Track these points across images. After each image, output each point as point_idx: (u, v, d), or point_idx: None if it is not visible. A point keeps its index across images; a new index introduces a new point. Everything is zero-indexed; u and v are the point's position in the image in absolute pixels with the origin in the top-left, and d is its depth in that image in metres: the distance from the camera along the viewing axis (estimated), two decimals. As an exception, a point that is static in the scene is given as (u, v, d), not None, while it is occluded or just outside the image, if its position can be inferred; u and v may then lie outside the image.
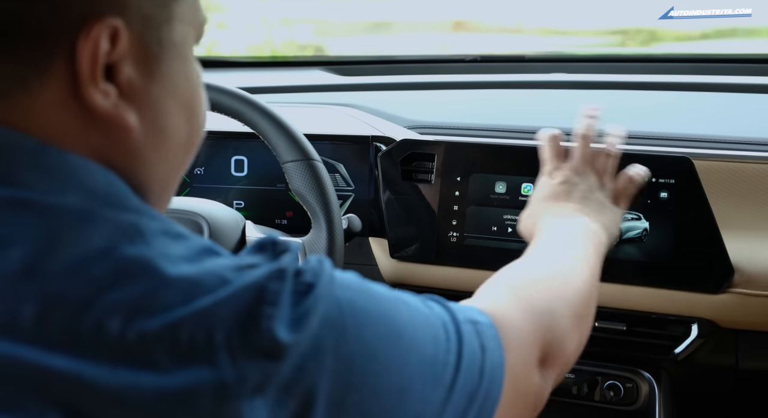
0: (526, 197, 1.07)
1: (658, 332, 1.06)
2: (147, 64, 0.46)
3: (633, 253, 1.02)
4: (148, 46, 0.46)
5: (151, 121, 0.48)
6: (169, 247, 0.42)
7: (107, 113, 0.44)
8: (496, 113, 1.28)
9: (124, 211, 0.43)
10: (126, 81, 0.45)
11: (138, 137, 0.47)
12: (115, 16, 0.44)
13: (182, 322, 0.39)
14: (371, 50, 1.83)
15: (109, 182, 0.45)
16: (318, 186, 0.96)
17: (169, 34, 0.48)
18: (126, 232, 0.42)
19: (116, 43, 0.44)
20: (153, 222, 0.44)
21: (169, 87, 0.48)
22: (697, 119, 1.21)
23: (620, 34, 1.66)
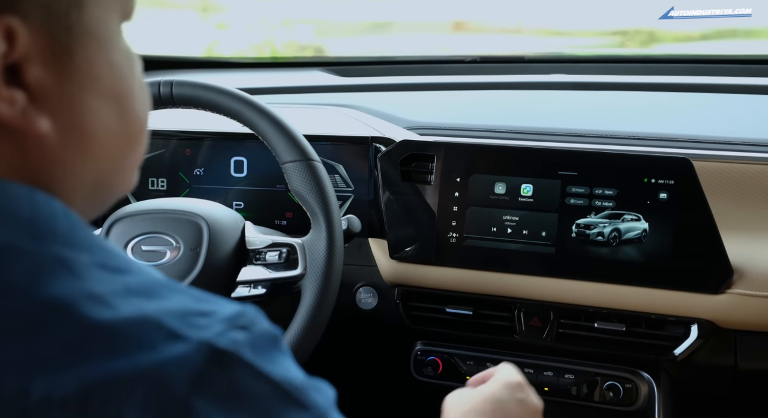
0: (526, 198, 1.07)
1: (658, 332, 1.06)
2: (58, 59, 0.41)
3: (632, 254, 1.02)
4: (55, 38, 0.41)
5: (69, 122, 0.42)
6: (104, 284, 0.37)
7: (15, 123, 0.39)
8: (496, 114, 1.28)
9: (51, 242, 0.38)
10: (34, 82, 0.40)
11: (54, 143, 0.41)
12: (6, 13, 0.38)
13: (95, 386, 0.34)
14: (371, 51, 1.83)
15: (34, 206, 0.39)
16: (317, 187, 0.97)
17: (79, 20, 0.42)
18: (49, 268, 0.36)
19: (14, 42, 0.38)
20: (84, 255, 0.38)
21: (87, 80, 0.43)
22: (697, 120, 1.21)
23: (620, 35, 1.66)
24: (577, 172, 1.05)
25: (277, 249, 0.99)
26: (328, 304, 0.95)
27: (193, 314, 0.38)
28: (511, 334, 1.12)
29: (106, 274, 0.38)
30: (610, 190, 1.04)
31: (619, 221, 1.03)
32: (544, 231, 1.06)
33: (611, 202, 1.03)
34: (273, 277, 0.98)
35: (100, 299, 0.36)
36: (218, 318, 0.38)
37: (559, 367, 1.13)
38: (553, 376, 1.12)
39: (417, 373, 1.18)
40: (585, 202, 1.05)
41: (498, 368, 0.77)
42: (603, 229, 1.03)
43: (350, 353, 1.34)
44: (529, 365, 1.14)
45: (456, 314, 1.12)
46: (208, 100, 0.99)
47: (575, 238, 1.05)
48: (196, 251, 0.96)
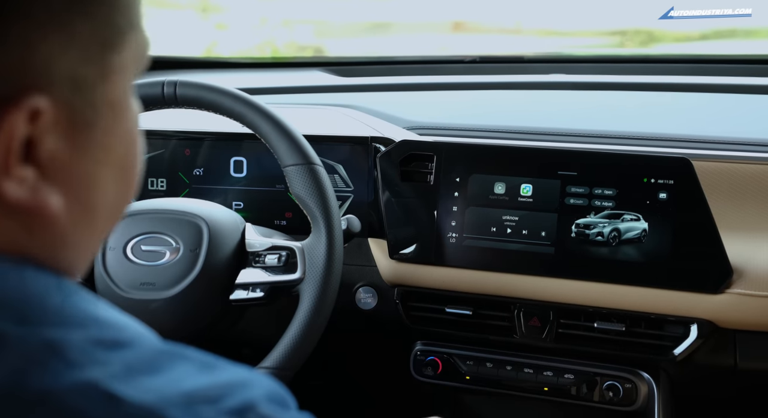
0: (526, 198, 1.07)
1: (657, 332, 1.06)
2: (77, 133, 0.39)
3: (632, 254, 1.02)
4: (79, 113, 0.39)
5: (79, 197, 0.40)
6: (101, 368, 0.34)
7: (22, 202, 0.37)
8: (496, 114, 1.28)
9: (40, 324, 0.35)
10: (48, 157, 0.38)
11: (64, 219, 0.39)
12: (39, 93, 0.36)
13: None
14: (371, 51, 1.83)
15: (24, 286, 0.37)
16: (319, 191, 0.96)
17: (104, 94, 0.40)
18: (39, 357, 0.33)
19: (37, 120, 0.37)
20: (77, 332, 0.36)
21: (100, 154, 0.41)
22: (696, 120, 1.21)
23: (619, 35, 1.66)
24: (576, 172, 1.05)
25: (277, 252, 0.99)
26: (326, 309, 0.95)
27: (198, 401, 0.35)
28: (511, 334, 1.12)
29: (103, 352, 0.35)
30: (610, 190, 1.04)
31: (619, 221, 1.03)
32: (543, 231, 1.06)
33: (611, 202, 1.03)
34: (272, 280, 0.98)
35: (97, 388, 0.33)
36: (224, 409, 0.36)
37: (559, 367, 1.13)
38: (552, 376, 1.12)
39: (416, 373, 1.18)
40: (584, 202, 1.05)
41: None
42: (602, 229, 1.03)
43: (350, 353, 1.34)
44: (528, 365, 1.14)
45: (456, 314, 1.12)
46: (211, 101, 0.99)
47: (575, 238, 1.05)
48: (196, 252, 0.96)
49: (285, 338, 0.94)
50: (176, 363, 0.37)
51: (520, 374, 1.14)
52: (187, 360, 0.38)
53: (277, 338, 0.95)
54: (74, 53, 0.38)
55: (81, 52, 0.38)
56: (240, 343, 1.25)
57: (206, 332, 1.02)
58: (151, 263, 0.96)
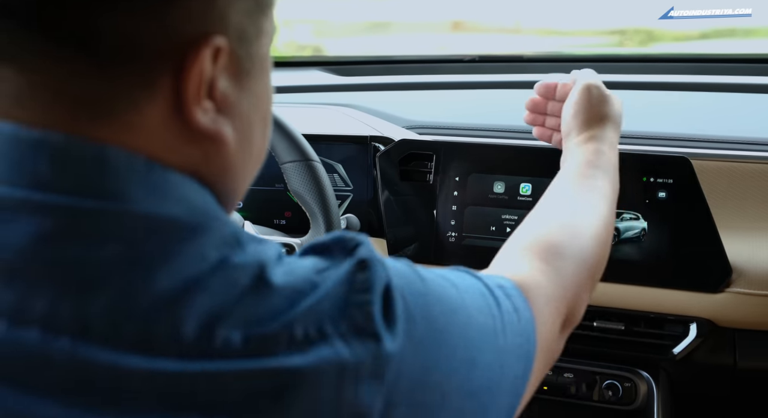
0: (525, 197, 1.07)
1: (657, 331, 1.06)
2: (239, 79, 0.47)
3: (631, 253, 1.02)
4: (241, 61, 0.47)
5: (242, 134, 0.49)
6: (263, 254, 0.44)
7: (207, 129, 0.46)
8: (495, 113, 1.28)
9: (223, 223, 0.45)
10: (221, 96, 0.46)
11: (232, 150, 0.48)
12: (218, 35, 0.44)
13: (294, 321, 0.41)
14: (370, 50, 1.83)
15: (204, 197, 0.46)
16: (317, 187, 0.97)
17: (258, 49, 0.49)
18: (230, 243, 0.44)
19: (217, 60, 0.45)
20: (242, 233, 0.45)
21: (255, 100, 0.50)
22: (696, 119, 1.21)
23: (618, 35, 1.66)
24: (575, 172, 1.05)
25: None
26: None
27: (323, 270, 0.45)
28: (510, 333, 1.12)
29: (258, 243, 0.45)
30: (609, 190, 1.03)
31: (618, 220, 1.03)
32: (543, 230, 1.06)
33: (610, 201, 1.03)
34: None
35: (269, 265, 0.43)
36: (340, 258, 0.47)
37: (558, 366, 1.13)
38: (552, 375, 1.12)
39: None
40: (584, 201, 1.04)
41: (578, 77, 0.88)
42: (602, 228, 1.03)
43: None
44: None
45: (455, 313, 1.12)
46: None
47: (574, 237, 1.04)
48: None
49: None
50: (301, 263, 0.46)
51: (519, 373, 1.13)
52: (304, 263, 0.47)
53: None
54: (241, 7, 0.46)
55: (245, 8, 0.46)
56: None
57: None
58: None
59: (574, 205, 0.74)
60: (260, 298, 0.42)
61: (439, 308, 0.49)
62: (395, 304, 0.45)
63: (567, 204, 0.75)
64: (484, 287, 0.56)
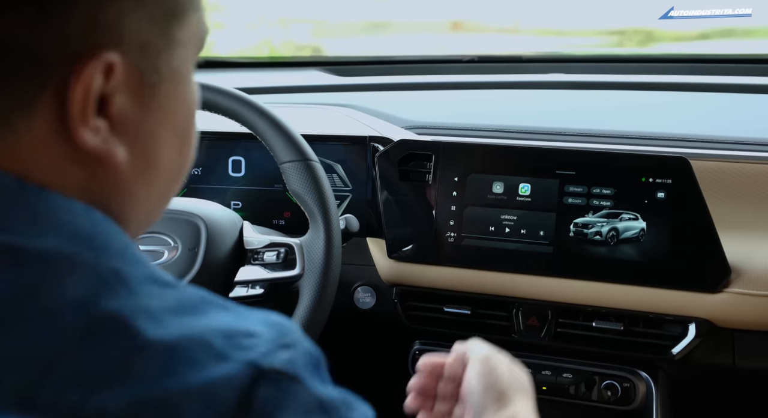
0: (524, 197, 1.07)
1: (656, 331, 1.06)
2: (142, 94, 0.43)
3: (630, 253, 1.02)
4: (144, 75, 0.43)
5: (142, 153, 0.44)
6: (155, 299, 0.39)
7: (96, 150, 0.41)
8: (494, 113, 1.28)
9: (108, 255, 0.40)
10: (118, 113, 0.42)
11: (126, 172, 0.44)
12: (111, 49, 0.40)
13: (148, 404, 0.35)
14: (369, 50, 1.83)
15: (94, 223, 0.41)
16: (316, 187, 0.96)
17: (168, 61, 0.44)
18: (107, 281, 0.38)
19: (110, 76, 0.41)
20: (138, 268, 0.40)
21: (164, 116, 0.45)
22: (694, 119, 1.22)
23: (618, 35, 1.66)
24: (574, 172, 1.05)
25: (275, 249, 0.99)
26: (326, 304, 0.95)
27: (239, 335, 0.39)
28: (510, 333, 1.12)
29: (158, 288, 0.40)
30: (608, 190, 1.04)
31: (617, 220, 1.03)
32: (542, 230, 1.06)
33: (609, 201, 1.03)
34: (271, 277, 0.98)
35: (154, 315, 0.37)
36: (264, 339, 0.40)
37: (557, 366, 1.13)
38: (551, 375, 1.12)
39: (415, 372, 1.18)
40: (583, 201, 1.05)
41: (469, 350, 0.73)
42: (601, 228, 1.03)
43: (348, 353, 1.34)
44: (527, 365, 1.13)
45: (454, 313, 1.12)
46: (207, 99, 0.99)
47: (573, 237, 1.05)
48: (194, 251, 0.96)
49: None
50: (217, 310, 0.41)
51: (518, 373, 1.13)
52: (227, 309, 0.41)
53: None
54: (142, 16, 0.42)
55: (147, 17, 0.42)
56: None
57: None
58: (150, 263, 0.96)
59: None
60: (121, 354, 0.36)
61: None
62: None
63: None
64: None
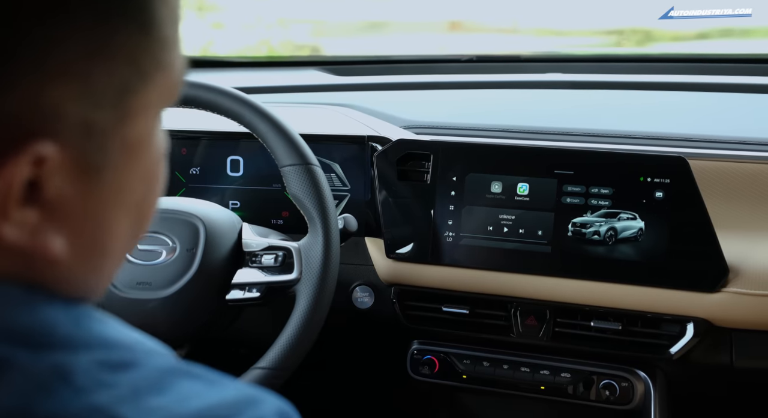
0: (522, 197, 1.07)
1: (654, 331, 1.06)
2: (86, 176, 0.37)
3: (628, 252, 1.03)
4: (89, 156, 0.37)
5: (86, 238, 0.39)
6: (107, 390, 0.34)
7: (18, 245, 0.36)
8: (492, 113, 1.28)
9: (48, 350, 0.35)
10: (53, 199, 0.36)
11: (68, 261, 0.38)
12: (43, 138, 0.34)
13: None
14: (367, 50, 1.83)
15: (34, 313, 0.36)
16: (316, 191, 0.96)
17: (120, 137, 0.38)
18: (45, 383, 0.33)
19: (42, 165, 0.35)
20: (87, 355, 0.35)
21: (112, 194, 0.39)
22: (693, 119, 1.22)
23: (616, 34, 1.66)
24: (573, 171, 1.05)
25: (274, 252, 0.99)
26: (322, 310, 0.95)
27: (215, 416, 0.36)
28: (508, 333, 1.12)
29: (109, 375, 0.35)
30: (606, 189, 1.04)
31: (615, 220, 1.03)
32: (540, 230, 1.06)
33: (607, 201, 1.04)
34: (268, 280, 0.97)
35: (103, 413, 0.33)
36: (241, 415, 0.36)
37: (556, 366, 1.13)
38: (549, 375, 1.12)
39: (413, 372, 1.18)
40: (581, 201, 1.05)
41: None
42: (599, 228, 1.03)
43: (346, 353, 1.34)
44: (525, 364, 1.14)
45: (452, 313, 1.12)
46: (209, 100, 0.99)
47: (571, 237, 1.05)
48: (192, 251, 0.96)
49: (281, 338, 0.94)
50: (182, 381, 0.37)
51: (516, 373, 1.14)
52: (193, 378, 0.37)
53: (273, 338, 0.95)
54: (88, 100, 0.36)
55: (95, 99, 0.36)
56: (236, 343, 1.25)
57: (203, 332, 1.02)
58: (148, 263, 0.96)
59: None
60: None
61: None
62: None
63: None
64: None
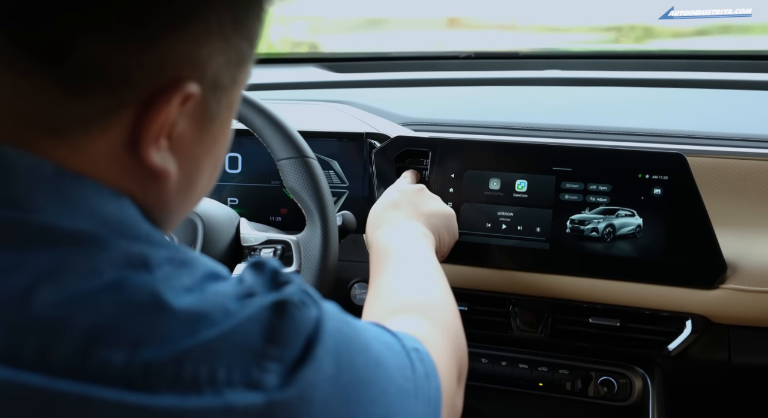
0: (521, 194, 1.07)
1: (652, 327, 1.07)
2: (201, 123, 0.47)
3: (627, 249, 1.03)
4: (209, 107, 0.47)
5: (188, 173, 0.49)
6: (173, 277, 0.42)
7: (155, 166, 0.45)
8: (491, 110, 1.28)
9: (135, 240, 0.43)
10: (178, 136, 0.46)
11: (171, 188, 0.48)
12: (193, 82, 0.44)
13: (186, 355, 0.39)
14: (366, 47, 1.83)
15: (122, 209, 0.44)
16: (313, 184, 0.96)
17: (228, 98, 0.49)
18: (134, 263, 0.41)
19: (185, 104, 0.45)
20: (160, 251, 0.44)
21: (211, 144, 0.50)
22: (691, 116, 1.22)
23: (614, 31, 1.66)
24: (571, 168, 1.05)
25: (272, 246, 0.99)
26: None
27: (244, 296, 0.44)
28: (506, 329, 1.12)
29: (175, 266, 0.43)
30: (605, 186, 1.04)
31: (614, 217, 1.03)
32: (538, 227, 1.06)
33: (605, 197, 1.04)
34: None
35: (174, 289, 0.41)
36: (264, 290, 0.45)
37: (554, 362, 1.13)
38: (547, 371, 1.13)
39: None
40: (579, 197, 1.05)
41: None
42: (597, 224, 1.04)
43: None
44: (523, 361, 1.14)
45: (451, 309, 1.12)
46: None
47: (570, 233, 1.05)
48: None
49: None
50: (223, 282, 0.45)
51: (515, 369, 1.14)
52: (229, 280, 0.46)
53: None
54: (223, 59, 0.46)
55: (226, 60, 0.47)
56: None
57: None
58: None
59: (430, 270, 0.82)
60: (154, 320, 0.40)
61: (364, 357, 0.49)
62: (320, 348, 0.44)
63: (425, 270, 0.82)
64: (401, 348, 0.56)
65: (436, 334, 0.66)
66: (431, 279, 0.80)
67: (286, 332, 0.43)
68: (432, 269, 0.82)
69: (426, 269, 0.82)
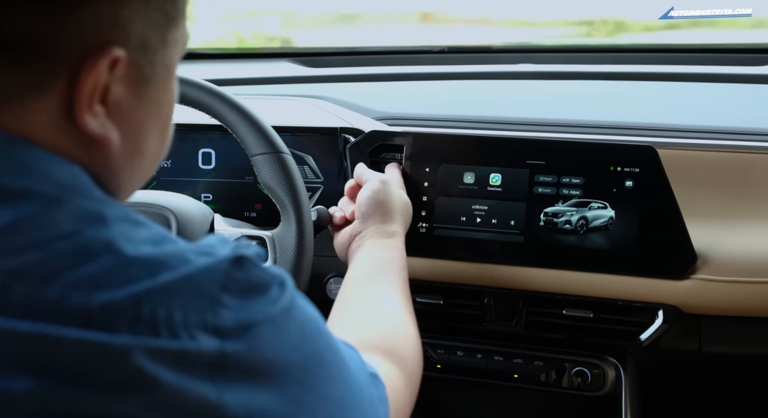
0: (495, 187, 1.08)
1: (625, 318, 1.08)
2: (137, 87, 0.49)
3: (599, 241, 1.04)
4: (141, 69, 0.49)
5: (131, 139, 0.50)
6: (131, 232, 0.45)
7: (94, 133, 0.47)
8: (464, 104, 1.28)
9: (89, 199, 0.45)
10: (114, 101, 0.47)
11: (116, 154, 0.49)
12: (118, 46, 0.46)
13: (145, 296, 0.41)
14: (339, 42, 1.82)
15: (74, 175, 0.46)
16: (287, 179, 0.96)
17: (162, 59, 0.50)
18: (89, 217, 0.44)
19: (114, 69, 0.46)
20: (114, 210, 0.46)
21: (152, 107, 0.51)
22: (661, 109, 1.23)
23: (586, 25, 1.68)
24: (544, 161, 1.06)
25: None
26: None
27: (204, 252, 0.46)
28: (481, 322, 1.13)
29: (131, 224, 0.45)
30: (577, 179, 1.05)
31: (586, 209, 1.04)
32: (512, 220, 1.07)
33: (578, 190, 1.05)
34: None
35: (132, 240, 0.44)
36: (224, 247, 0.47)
37: (529, 354, 1.14)
38: (522, 363, 1.14)
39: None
40: (552, 190, 1.06)
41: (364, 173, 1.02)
42: (570, 217, 1.05)
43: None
44: (499, 353, 1.15)
45: (426, 303, 1.13)
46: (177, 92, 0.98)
47: (543, 226, 1.06)
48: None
49: None
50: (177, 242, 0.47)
51: (490, 361, 1.15)
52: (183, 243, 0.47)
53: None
54: (147, 20, 0.47)
55: (151, 21, 0.48)
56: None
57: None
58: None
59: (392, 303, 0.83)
60: (111, 265, 0.42)
61: (326, 340, 0.51)
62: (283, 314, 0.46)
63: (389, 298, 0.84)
64: (360, 360, 0.58)
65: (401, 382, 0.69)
66: (396, 313, 0.81)
67: (243, 283, 0.45)
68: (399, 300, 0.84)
69: (393, 301, 0.84)
